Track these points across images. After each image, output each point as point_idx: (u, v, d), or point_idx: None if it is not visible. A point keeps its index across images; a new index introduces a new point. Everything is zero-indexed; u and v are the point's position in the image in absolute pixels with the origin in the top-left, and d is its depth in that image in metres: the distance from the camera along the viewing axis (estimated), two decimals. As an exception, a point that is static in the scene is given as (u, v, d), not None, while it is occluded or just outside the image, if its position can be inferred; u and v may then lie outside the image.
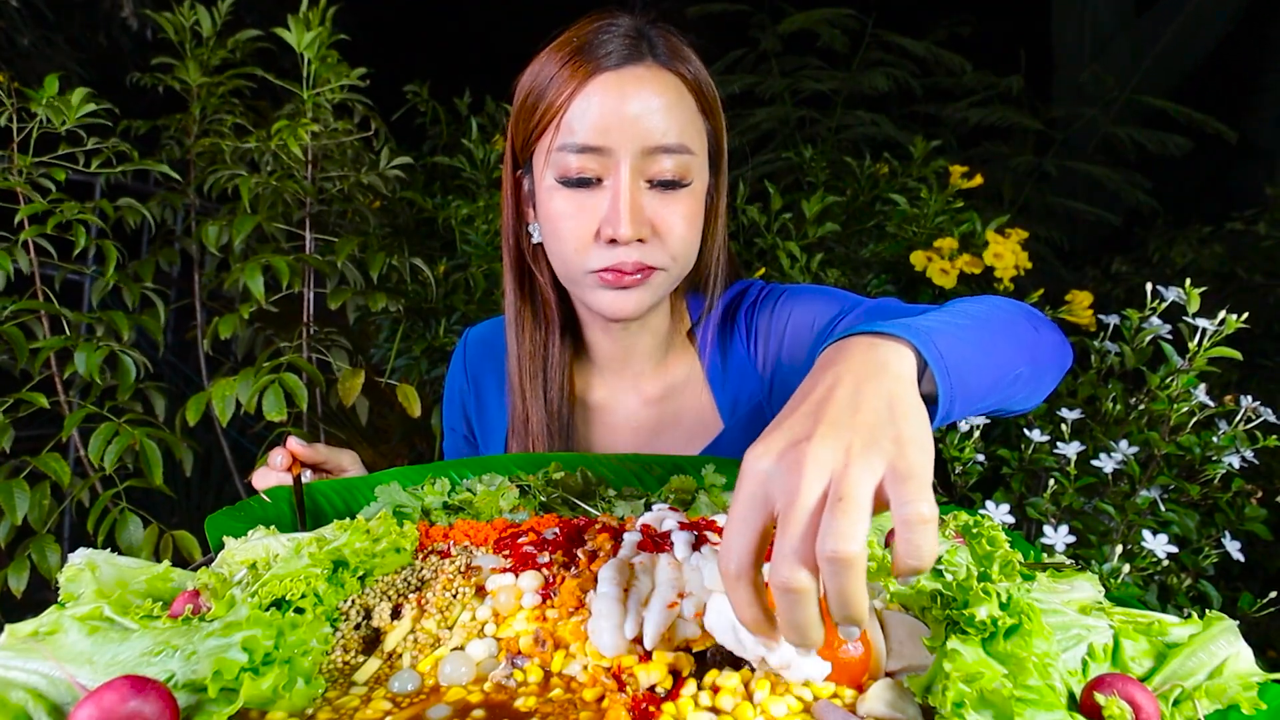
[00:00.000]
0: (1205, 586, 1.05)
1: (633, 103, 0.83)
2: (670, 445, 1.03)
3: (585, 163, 0.84)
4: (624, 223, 0.82)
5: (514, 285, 1.00)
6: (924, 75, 2.82)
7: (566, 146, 0.84)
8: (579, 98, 0.84)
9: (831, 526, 0.40)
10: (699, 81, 0.88)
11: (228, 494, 2.28)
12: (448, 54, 4.03)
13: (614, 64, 0.84)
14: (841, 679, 0.46)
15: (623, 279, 0.86)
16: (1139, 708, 0.41)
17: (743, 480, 0.45)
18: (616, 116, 0.82)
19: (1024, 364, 0.70)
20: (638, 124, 0.83)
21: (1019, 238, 1.62)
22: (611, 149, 0.83)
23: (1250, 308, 1.05)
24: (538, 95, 0.87)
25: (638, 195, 0.84)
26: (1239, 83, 3.74)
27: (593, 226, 0.85)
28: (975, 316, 0.68)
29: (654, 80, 0.85)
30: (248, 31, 1.62)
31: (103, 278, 1.37)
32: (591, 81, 0.84)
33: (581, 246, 0.86)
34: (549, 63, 0.87)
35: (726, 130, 0.95)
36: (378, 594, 0.54)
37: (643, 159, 0.84)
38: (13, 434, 1.23)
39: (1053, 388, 0.82)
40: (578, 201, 0.86)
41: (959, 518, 0.64)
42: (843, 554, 0.39)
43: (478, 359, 1.13)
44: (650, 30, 0.88)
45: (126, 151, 1.38)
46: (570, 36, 0.87)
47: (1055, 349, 0.80)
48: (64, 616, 0.46)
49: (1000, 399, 0.69)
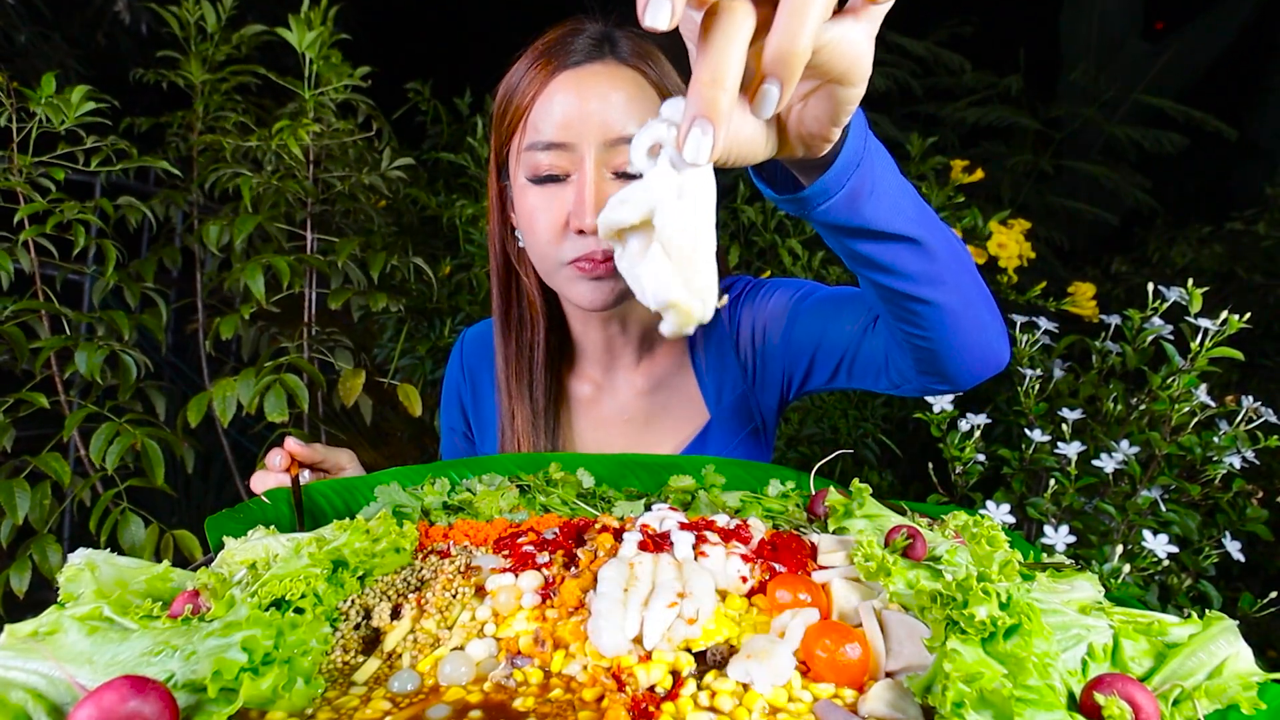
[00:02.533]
0: (1205, 586, 1.04)
1: (591, 97, 0.86)
2: (659, 436, 1.06)
3: (552, 159, 0.87)
4: (589, 213, 0.86)
5: (499, 288, 1.05)
6: (924, 75, 2.82)
7: (534, 145, 0.88)
8: (541, 97, 0.88)
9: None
10: (662, 78, 0.91)
11: (228, 494, 2.28)
12: (448, 53, 4.03)
13: (574, 63, 0.88)
14: (841, 679, 0.46)
15: (597, 268, 0.89)
16: (1139, 708, 0.41)
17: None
18: (577, 112, 0.86)
19: (938, 245, 0.66)
20: (597, 117, 0.86)
21: (1022, 228, 1.62)
22: (574, 144, 0.87)
23: (1250, 308, 1.05)
24: (508, 99, 0.92)
25: (603, 186, 0.87)
26: (1241, 83, 3.74)
27: (563, 219, 0.89)
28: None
29: (612, 76, 0.88)
30: (252, 27, 1.62)
31: (103, 277, 1.37)
32: (553, 81, 0.88)
33: (553, 239, 0.90)
34: (518, 68, 0.91)
35: None
36: (377, 594, 0.54)
37: (606, 151, 0.87)
38: (14, 433, 1.23)
39: (978, 348, 0.76)
40: (548, 196, 0.89)
41: (959, 517, 0.64)
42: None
43: (475, 357, 1.15)
44: (615, 32, 0.92)
45: (126, 149, 1.38)
46: (539, 42, 0.92)
47: (984, 299, 0.75)
48: (64, 616, 0.46)
49: (901, 238, 0.64)
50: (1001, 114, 2.80)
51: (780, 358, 1.04)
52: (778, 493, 0.83)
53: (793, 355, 1.02)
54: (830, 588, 0.54)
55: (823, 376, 0.99)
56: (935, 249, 0.67)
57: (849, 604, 0.53)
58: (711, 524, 0.62)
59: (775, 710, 0.43)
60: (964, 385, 0.80)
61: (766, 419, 1.08)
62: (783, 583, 0.54)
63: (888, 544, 0.58)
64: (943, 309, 0.71)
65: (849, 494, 0.69)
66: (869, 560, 0.53)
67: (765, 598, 0.54)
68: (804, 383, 1.03)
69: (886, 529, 0.61)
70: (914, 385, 0.85)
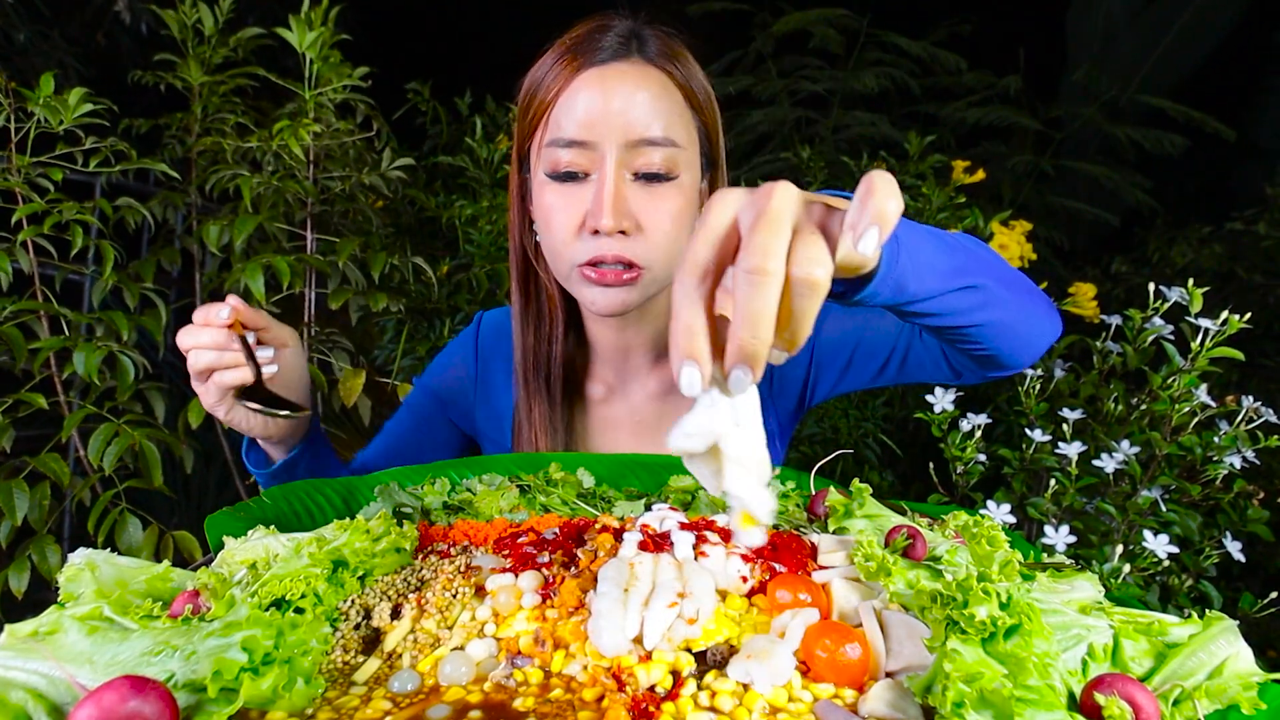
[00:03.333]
0: (1206, 587, 1.04)
1: (616, 97, 0.84)
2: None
3: (573, 157, 0.86)
4: (606, 213, 0.84)
5: (519, 283, 1.02)
6: (923, 75, 2.82)
7: (555, 142, 0.86)
8: (565, 94, 0.86)
9: (806, 252, 0.43)
10: (688, 79, 0.90)
11: (228, 494, 2.28)
12: (448, 53, 4.03)
13: (601, 61, 0.86)
14: (841, 679, 0.46)
15: (605, 277, 0.87)
16: (1139, 708, 0.41)
17: (712, 203, 0.46)
18: (600, 111, 0.84)
19: (981, 277, 0.68)
20: (621, 117, 0.84)
21: (1024, 229, 1.62)
22: (596, 142, 0.85)
23: (1250, 308, 1.05)
24: (531, 94, 0.90)
25: (621, 187, 0.85)
26: (1240, 83, 3.74)
27: (579, 219, 0.87)
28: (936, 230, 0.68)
29: (637, 75, 0.86)
30: (249, 30, 1.62)
31: (102, 278, 1.36)
32: (577, 78, 0.86)
33: (568, 238, 0.88)
34: (545, 62, 0.89)
35: (725, 131, 0.96)
36: (377, 594, 0.54)
37: (627, 152, 0.85)
38: (13, 434, 1.23)
39: (1033, 337, 0.80)
40: (566, 195, 0.87)
41: (959, 517, 0.64)
42: (817, 278, 0.43)
43: (491, 342, 1.14)
44: (644, 30, 0.90)
45: (125, 150, 1.38)
46: (567, 37, 0.90)
47: (1027, 291, 0.79)
48: (64, 616, 0.46)
49: (948, 292, 0.66)
50: (1001, 114, 2.80)
51: (804, 360, 1.03)
52: (778, 493, 0.83)
53: (822, 357, 1.01)
54: (830, 588, 0.54)
55: (865, 375, 0.98)
56: (979, 283, 0.69)
57: (849, 604, 0.53)
58: (711, 524, 0.62)
59: (775, 710, 0.43)
60: (1027, 365, 0.83)
61: (782, 423, 1.07)
62: (783, 583, 0.54)
63: (888, 544, 0.58)
64: (995, 324, 0.74)
65: (849, 494, 0.69)
66: (869, 560, 0.53)
67: (765, 598, 0.54)
68: (837, 384, 1.02)
69: (886, 529, 0.61)
70: (976, 375, 0.87)
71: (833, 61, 2.77)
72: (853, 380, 1.01)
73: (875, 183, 0.44)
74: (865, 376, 0.99)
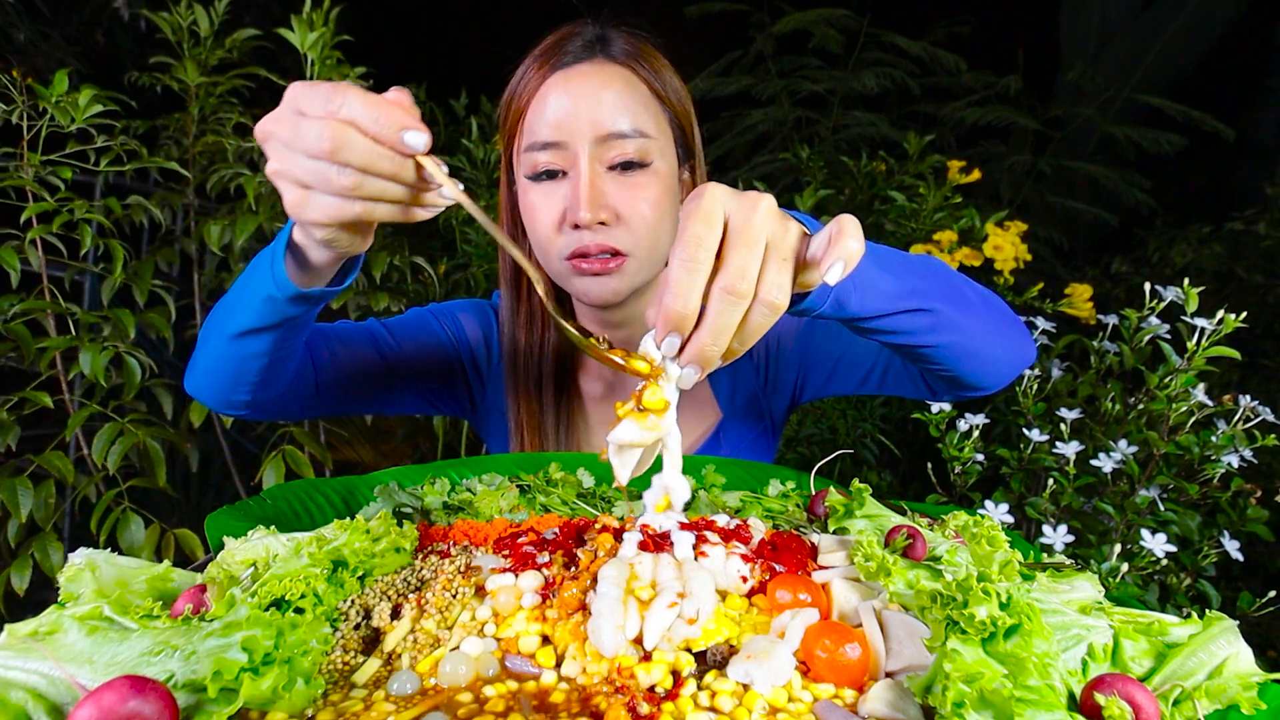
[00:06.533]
0: (1205, 586, 1.04)
1: (582, 97, 0.89)
2: None
3: (549, 158, 0.90)
4: (583, 205, 0.88)
5: (509, 287, 1.05)
6: (922, 75, 2.82)
7: (531, 146, 0.91)
8: (536, 99, 0.91)
9: (775, 279, 0.53)
10: (653, 73, 0.93)
11: (228, 494, 2.28)
12: (444, 55, 4.03)
13: (566, 64, 0.91)
14: (841, 679, 0.46)
15: (593, 264, 0.91)
16: (1139, 708, 0.41)
17: (700, 195, 0.53)
18: (569, 111, 0.89)
19: (934, 301, 0.73)
20: (589, 115, 0.88)
21: (1018, 230, 1.62)
22: (568, 142, 0.89)
23: (1250, 307, 1.05)
24: (509, 102, 0.95)
25: (597, 181, 0.89)
26: (1239, 83, 3.73)
27: (560, 214, 0.91)
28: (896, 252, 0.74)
29: (601, 74, 0.90)
30: (245, 31, 1.62)
31: (111, 276, 1.37)
32: (545, 83, 0.91)
33: (551, 234, 0.92)
34: (519, 72, 0.94)
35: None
36: (377, 594, 0.54)
37: (599, 146, 0.89)
38: (18, 432, 1.23)
39: (998, 363, 0.83)
40: (546, 193, 0.91)
41: (959, 517, 0.64)
42: (780, 304, 0.53)
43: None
44: (610, 32, 0.94)
45: (136, 149, 1.38)
46: (538, 46, 0.94)
47: (997, 317, 0.82)
48: (64, 616, 0.46)
49: (897, 313, 0.71)
50: (1000, 114, 2.80)
51: (795, 364, 1.06)
52: (778, 493, 0.83)
53: (809, 362, 1.05)
54: (830, 588, 0.54)
55: (849, 383, 1.02)
56: (931, 307, 0.72)
57: (849, 604, 0.53)
58: (711, 524, 0.62)
59: (775, 710, 0.43)
60: (995, 389, 0.87)
61: (775, 420, 1.10)
62: (783, 583, 0.54)
63: (888, 544, 0.58)
64: (949, 347, 0.77)
65: (849, 494, 0.69)
66: (869, 560, 0.53)
67: (765, 598, 0.54)
68: (822, 388, 1.06)
69: (886, 529, 0.61)
70: (949, 395, 0.91)
71: (832, 61, 2.77)
72: (837, 386, 1.04)
73: (845, 225, 0.54)
74: (849, 385, 1.03)
